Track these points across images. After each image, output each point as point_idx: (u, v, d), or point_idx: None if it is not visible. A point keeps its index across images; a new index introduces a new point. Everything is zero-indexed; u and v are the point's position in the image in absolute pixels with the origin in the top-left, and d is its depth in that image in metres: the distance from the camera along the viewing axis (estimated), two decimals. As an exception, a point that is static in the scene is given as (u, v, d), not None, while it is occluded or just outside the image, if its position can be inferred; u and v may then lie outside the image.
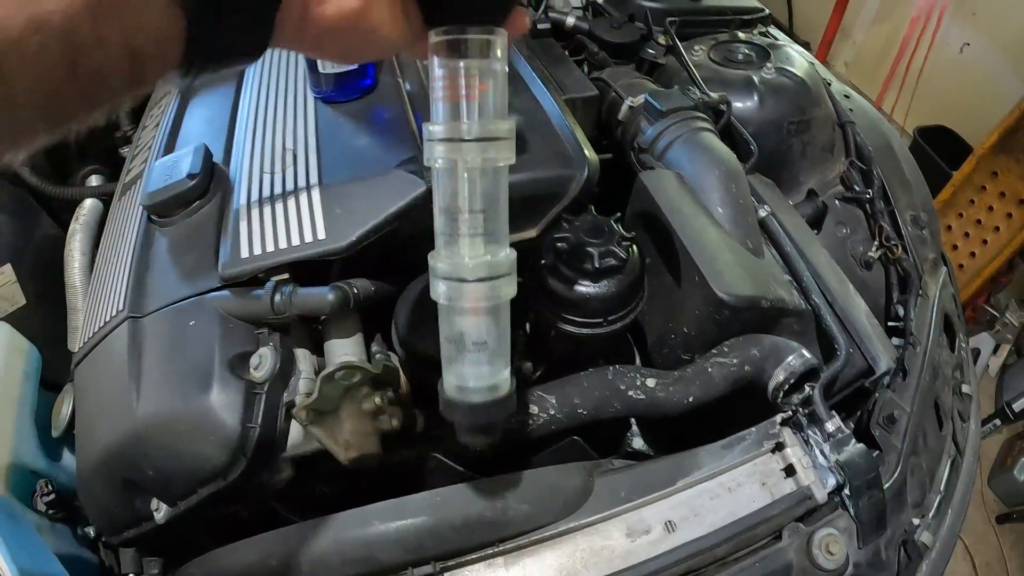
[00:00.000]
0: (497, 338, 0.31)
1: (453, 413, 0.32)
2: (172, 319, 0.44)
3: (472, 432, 0.33)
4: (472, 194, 0.29)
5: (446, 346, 0.31)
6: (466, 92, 0.28)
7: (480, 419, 0.32)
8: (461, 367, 0.31)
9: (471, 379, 0.32)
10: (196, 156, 0.50)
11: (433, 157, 0.29)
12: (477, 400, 0.31)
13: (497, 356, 0.32)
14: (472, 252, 0.29)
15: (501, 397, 0.32)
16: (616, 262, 0.42)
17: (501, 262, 0.30)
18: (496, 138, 0.29)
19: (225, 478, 0.39)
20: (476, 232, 0.29)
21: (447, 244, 0.30)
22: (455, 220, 0.29)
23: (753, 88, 0.62)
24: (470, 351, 0.31)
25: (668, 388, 0.46)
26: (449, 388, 0.32)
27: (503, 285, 0.30)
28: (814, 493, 0.44)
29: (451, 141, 0.28)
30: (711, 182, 0.50)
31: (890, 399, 0.54)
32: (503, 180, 0.30)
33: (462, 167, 0.28)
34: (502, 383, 0.32)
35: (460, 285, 0.29)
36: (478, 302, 0.30)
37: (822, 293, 0.53)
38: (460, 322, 0.30)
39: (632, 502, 0.39)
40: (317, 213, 0.44)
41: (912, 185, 0.72)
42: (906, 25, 1.45)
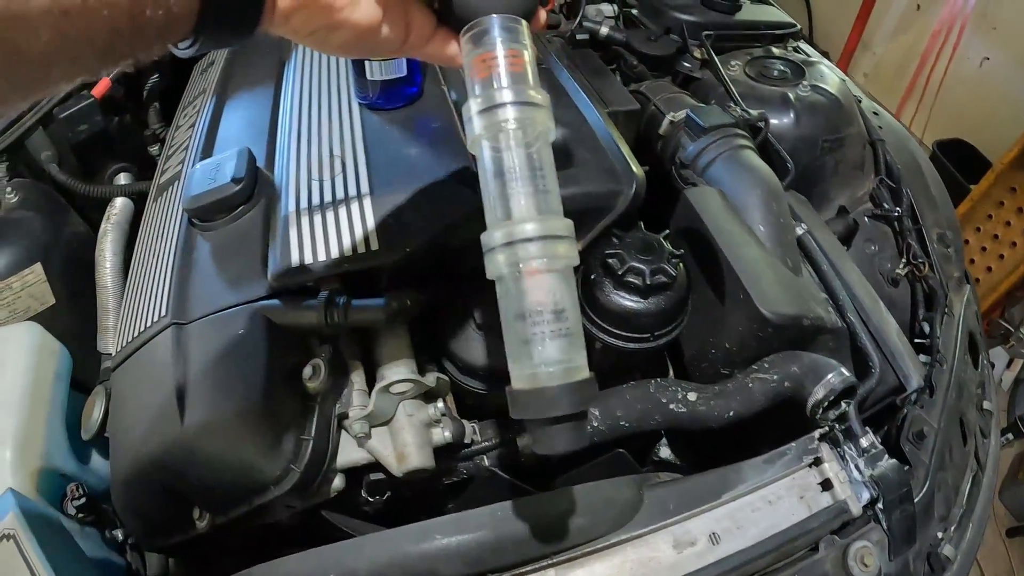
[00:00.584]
0: (573, 309, 0.27)
1: (528, 407, 0.27)
2: (219, 327, 0.44)
3: (555, 433, 0.27)
4: (518, 156, 0.27)
5: (514, 326, 0.27)
6: (501, 65, 0.28)
7: (566, 406, 0.27)
8: (535, 347, 0.27)
9: (550, 360, 0.27)
10: (240, 160, 0.51)
11: (475, 129, 0.28)
12: (558, 384, 0.26)
13: (575, 333, 0.27)
14: (529, 212, 0.27)
15: (584, 379, 0.27)
16: (666, 279, 0.44)
17: (561, 225, 0.28)
18: (534, 104, 0.28)
19: (276, 490, 0.40)
20: (530, 192, 0.27)
21: (501, 212, 0.28)
22: (505, 184, 0.27)
23: (789, 105, 0.63)
24: (547, 322, 0.27)
25: (709, 402, 0.48)
26: (521, 378, 0.27)
27: (567, 247, 0.28)
28: (850, 507, 0.46)
29: (491, 109, 0.27)
30: (753, 200, 0.52)
31: (919, 415, 0.56)
32: (547, 147, 0.29)
33: (507, 131, 0.27)
34: (582, 367, 0.28)
35: (524, 246, 0.27)
36: (548, 263, 0.27)
37: (856, 311, 0.55)
38: (529, 292, 0.27)
39: (680, 515, 0.41)
40: (369, 223, 0.45)
41: (938, 203, 0.74)
42: (927, 38, 1.48)
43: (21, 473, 0.49)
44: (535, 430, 0.28)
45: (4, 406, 0.50)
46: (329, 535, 0.49)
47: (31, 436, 0.50)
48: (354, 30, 0.27)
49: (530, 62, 0.29)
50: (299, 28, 0.27)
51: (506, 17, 0.28)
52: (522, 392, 0.27)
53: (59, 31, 0.19)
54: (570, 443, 0.28)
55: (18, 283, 0.56)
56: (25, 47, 0.19)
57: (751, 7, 0.77)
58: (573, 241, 0.28)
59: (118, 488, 0.47)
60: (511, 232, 0.27)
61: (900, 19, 1.59)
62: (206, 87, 0.64)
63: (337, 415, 0.42)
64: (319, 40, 0.28)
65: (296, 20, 0.26)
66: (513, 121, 0.27)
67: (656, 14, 0.72)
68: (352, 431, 0.41)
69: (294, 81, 0.60)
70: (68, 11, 0.19)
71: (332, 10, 0.26)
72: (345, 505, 0.46)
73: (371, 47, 0.29)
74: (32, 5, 0.18)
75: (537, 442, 0.28)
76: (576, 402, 0.27)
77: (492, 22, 0.28)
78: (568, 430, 0.27)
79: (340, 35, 0.28)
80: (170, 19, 0.22)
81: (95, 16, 0.19)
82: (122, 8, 0.20)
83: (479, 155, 0.29)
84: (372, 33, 0.28)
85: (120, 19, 0.20)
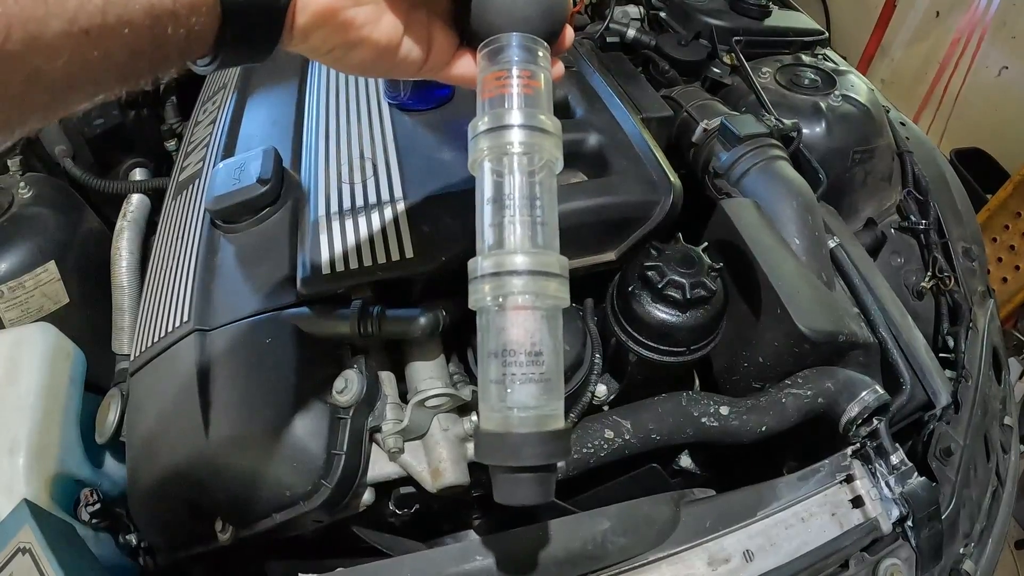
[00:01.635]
0: (553, 353, 0.26)
1: (492, 451, 0.26)
2: (245, 335, 0.43)
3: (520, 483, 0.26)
4: (520, 183, 0.26)
5: (488, 365, 0.26)
6: (514, 86, 0.27)
7: (533, 456, 0.25)
8: (507, 389, 0.25)
9: (522, 404, 0.25)
10: (266, 160, 0.50)
11: (478, 149, 0.27)
12: (527, 431, 0.25)
13: (553, 379, 0.26)
14: (522, 244, 0.26)
15: (557, 430, 0.26)
16: (706, 293, 0.44)
17: (554, 261, 0.26)
18: (543, 130, 0.27)
19: (306, 505, 0.40)
20: (526, 222, 0.26)
21: (493, 240, 0.26)
22: (501, 211, 0.26)
23: (821, 115, 0.64)
24: (521, 365, 0.25)
25: (742, 416, 0.48)
26: (489, 419, 0.26)
27: (557, 286, 0.26)
28: (880, 524, 0.46)
29: (497, 130, 0.27)
30: (788, 213, 0.52)
31: (946, 432, 0.57)
32: (552, 178, 0.28)
33: (511, 154, 0.26)
34: (557, 416, 0.26)
35: (508, 279, 0.25)
36: (531, 301, 0.26)
37: (888, 327, 0.55)
38: (509, 328, 0.25)
39: (716, 532, 0.41)
40: (403, 229, 0.45)
41: (963, 216, 0.75)
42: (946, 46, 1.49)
43: (35, 481, 0.48)
44: (497, 475, 0.26)
45: (18, 411, 0.49)
46: (351, 545, 0.49)
47: (45, 443, 0.50)
48: (374, 48, 0.27)
49: (545, 86, 0.28)
50: (318, 46, 0.27)
51: (525, 36, 0.28)
52: (488, 435, 0.26)
53: (79, 52, 0.19)
54: (533, 496, 0.26)
55: (31, 281, 0.55)
56: (45, 69, 0.18)
57: (780, 13, 0.77)
58: (565, 281, 0.27)
59: (137, 498, 0.47)
60: (500, 262, 0.26)
61: (919, 26, 1.61)
62: (227, 82, 0.64)
63: (369, 429, 0.41)
64: (338, 58, 0.28)
65: (315, 38, 0.26)
66: (519, 145, 0.26)
67: (685, 18, 0.72)
68: (386, 446, 0.41)
69: (319, 78, 0.59)
70: (88, 31, 0.19)
71: (352, 27, 0.26)
72: (371, 517, 0.46)
73: (391, 67, 0.29)
74: (51, 27, 0.18)
75: (497, 489, 0.26)
76: (545, 453, 0.25)
77: (510, 40, 0.28)
78: (533, 482, 0.25)
79: (359, 53, 0.27)
80: (191, 37, 0.22)
81: (115, 36, 0.19)
82: (143, 27, 0.20)
83: (478, 176, 0.28)
84: (392, 52, 0.28)
85: (141, 38, 0.20)
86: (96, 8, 0.19)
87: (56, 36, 0.18)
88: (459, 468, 0.41)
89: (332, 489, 0.39)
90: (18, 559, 0.40)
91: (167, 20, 0.21)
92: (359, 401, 0.40)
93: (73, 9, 0.18)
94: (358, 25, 0.26)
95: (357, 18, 0.26)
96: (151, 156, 0.69)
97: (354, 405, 0.40)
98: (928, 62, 1.59)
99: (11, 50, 0.17)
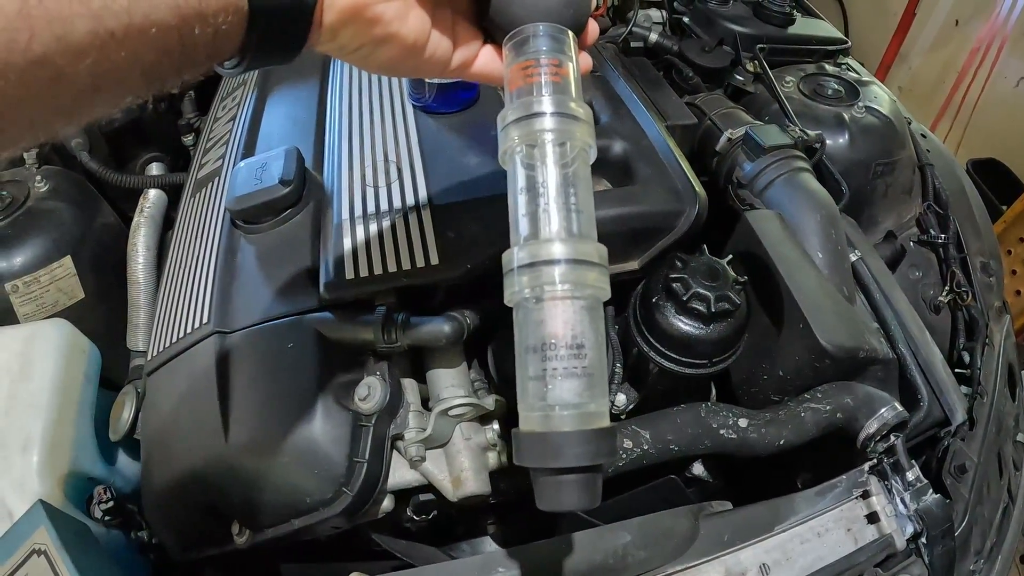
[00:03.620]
0: (596, 347, 0.25)
1: (533, 453, 0.24)
2: (267, 339, 0.44)
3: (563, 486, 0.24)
4: (553, 171, 0.26)
5: (526, 362, 0.25)
6: (543, 75, 0.27)
7: (577, 456, 0.24)
8: (547, 386, 0.24)
9: (563, 401, 0.24)
10: (288, 160, 0.51)
11: (509, 139, 0.27)
12: (570, 430, 0.24)
13: (596, 374, 0.25)
14: (559, 233, 0.25)
15: (604, 428, 0.24)
16: (730, 307, 0.45)
17: (592, 250, 0.26)
18: (575, 117, 0.27)
19: (326, 512, 0.40)
20: (562, 210, 0.25)
21: (528, 230, 0.26)
22: (535, 200, 0.26)
23: (844, 126, 0.65)
24: (562, 359, 0.24)
25: (760, 429, 0.49)
26: (529, 419, 0.25)
27: (597, 276, 0.25)
28: (895, 541, 0.47)
29: (527, 118, 0.26)
30: (812, 226, 0.53)
31: (960, 449, 0.58)
32: (586, 166, 0.27)
33: (543, 142, 0.26)
34: (603, 414, 0.25)
35: (546, 269, 0.24)
36: (572, 290, 0.24)
37: (907, 343, 0.56)
38: (547, 321, 0.24)
39: (734, 546, 0.42)
40: (429, 235, 0.45)
41: (982, 230, 0.76)
42: (965, 55, 1.50)
43: (49, 478, 0.49)
44: (539, 480, 0.25)
45: (32, 408, 0.50)
46: (365, 549, 0.49)
47: (59, 440, 0.50)
48: (402, 45, 0.27)
49: (574, 74, 0.28)
50: (346, 44, 0.27)
51: (550, 26, 0.28)
52: (529, 435, 0.25)
53: (105, 53, 0.19)
54: (579, 501, 0.24)
55: (46, 276, 0.55)
56: (70, 71, 0.18)
57: (803, 21, 0.78)
58: (605, 271, 0.26)
59: (152, 498, 0.48)
60: (535, 252, 0.25)
61: (938, 34, 1.62)
62: (246, 79, 0.64)
63: (391, 436, 0.42)
64: (365, 56, 0.28)
65: (344, 35, 0.26)
66: (551, 133, 0.26)
67: (708, 24, 0.73)
68: (407, 454, 0.41)
69: (340, 76, 0.59)
70: (114, 32, 0.19)
71: (380, 23, 0.26)
72: (387, 522, 0.47)
73: (418, 65, 0.29)
74: (76, 27, 0.18)
75: (539, 494, 0.25)
76: (591, 453, 0.24)
77: (536, 30, 0.28)
78: (578, 485, 0.24)
79: (387, 51, 0.28)
80: (218, 38, 0.22)
81: (142, 37, 0.19)
82: (170, 27, 0.20)
83: (509, 167, 0.27)
84: (419, 50, 0.28)
85: (168, 39, 0.20)
86: (121, 8, 0.19)
87: (82, 37, 0.18)
88: (481, 478, 0.41)
89: (353, 496, 0.40)
90: (33, 560, 0.41)
91: (194, 20, 0.21)
92: (382, 409, 0.41)
93: (98, 9, 0.18)
94: (386, 21, 0.26)
95: (385, 14, 0.26)
96: (168, 151, 0.69)
97: (377, 413, 0.40)
98: (946, 71, 1.60)
99: (36, 51, 0.17)
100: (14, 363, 0.51)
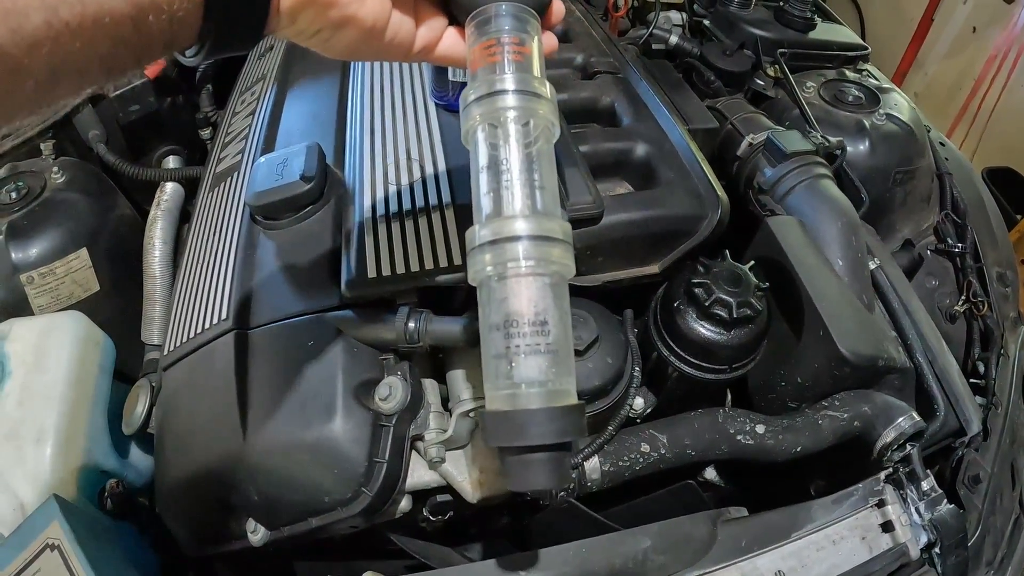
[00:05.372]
0: (560, 324, 0.24)
1: (500, 433, 0.24)
2: (287, 336, 0.44)
3: (531, 465, 0.24)
4: (516, 148, 0.25)
5: (490, 340, 0.25)
6: (505, 53, 0.27)
7: (544, 434, 0.23)
8: (511, 364, 0.24)
9: (529, 379, 0.24)
10: (309, 157, 0.51)
11: (471, 118, 0.27)
12: (537, 407, 0.24)
13: (561, 351, 0.24)
14: (522, 209, 0.25)
15: (569, 405, 0.24)
16: (751, 313, 0.46)
17: (556, 226, 0.25)
18: (537, 95, 0.26)
19: (344, 511, 0.40)
20: (525, 186, 0.25)
21: (491, 208, 0.25)
22: (498, 177, 0.25)
23: (865, 133, 0.65)
24: (525, 336, 0.24)
25: (777, 436, 0.50)
26: (496, 398, 0.25)
27: (561, 252, 0.25)
28: (909, 550, 0.48)
29: (489, 96, 0.26)
30: (832, 233, 0.54)
31: (974, 459, 0.59)
32: (549, 143, 0.27)
33: (505, 120, 0.26)
34: (568, 391, 0.25)
35: (508, 246, 0.24)
36: (534, 268, 0.24)
37: (923, 352, 0.57)
38: (510, 298, 0.24)
39: (751, 552, 0.43)
40: (452, 235, 0.45)
41: (999, 240, 0.77)
42: (982, 62, 1.51)
43: (62, 470, 0.50)
44: (507, 460, 0.25)
45: (46, 399, 0.51)
46: (378, 547, 0.50)
47: (73, 432, 0.51)
48: (361, 28, 0.28)
49: (537, 52, 0.28)
50: (305, 28, 0.27)
51: (513, 5, 0.28)
52: (495, 414, 0.24)
53: (61, 44, 0.19)
54: (546, 480, 0.24)
55: (62, 268, 0.56)
56: (27, 62, 0.19)
57: (824, 26, 0.78)
58: (569, 247, 0.26)
59: (166, 493, 0.48)
60: (498, 229, 0.25)
61: (955, 40, 1.63)
62: (266, 73, 0.65)
63: (411, 437, 0.42)
64: (325, 40, 0.28)
65: (303, 19, 0.26)
66: (513, 111, 0.26)
67: (729, 27, 0.74)
68: (427, 455, 0.42)
69: (362, 72, 0.60)
70: (68, 22, 0.19)
71: (337, 6, 0.26)
72: (403, 522, 0.47)
73: (379, 49, 0.29)
74: (31, 19, 0.18)
75: (509, 474, 0.25)
76: (557, 430, 0.23)
77: (498, 9, 0.28)
78: (545, 464, 0.24)
79: (347, 34, 0.28)
80: (174, 25, 0.22)
81: (97, 26, 0.20)
82: (124, 16, 0.20)
83: (472, 146, 0.27)
84: (379, 33, 0.28)
85: (123, 28, 0.21)
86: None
87: (37, 28, 0.18)
88: (500, 480, 0.42)
89: (372, 497, 0.40)
90: (46, 555, 0.41)
91: (148, 8, 0.21)
92: (403, 409, 0.41)
93: (53, 0, 0.18)
94: (343, 4, 0.26)
95: None
96: (184, 144, 0.70)
97: (398, 413, 0.41)
98: (963, 78, 1.61)
99: None
100: (29, 355, 0.52)
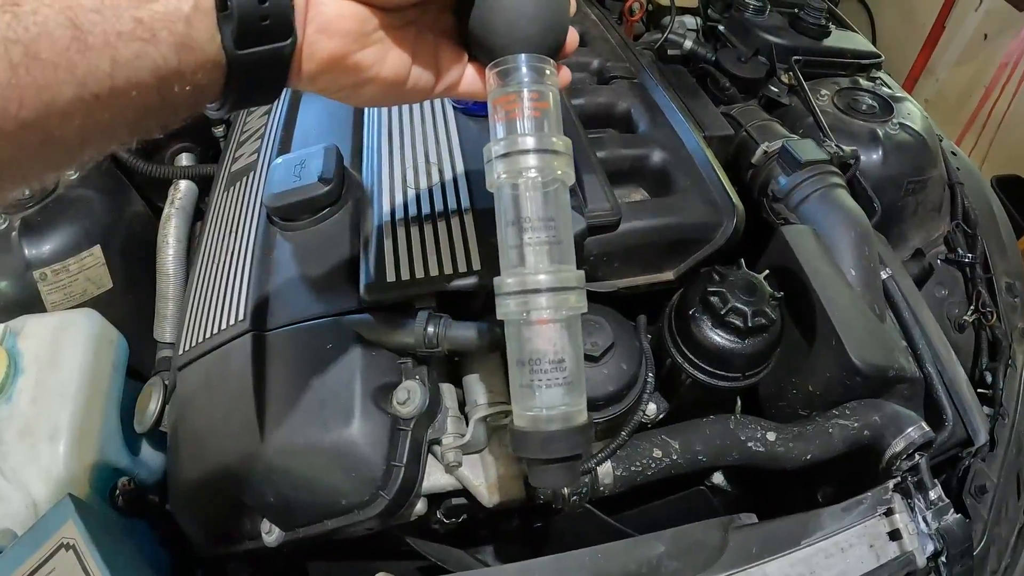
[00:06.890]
0: (574, 359, 0.31)
1: (526, 447, 0.31)
2: (305, 339, 0.45)
3: (549, 471, 0.32)
4: (535, 204, 0.31)
5: (517, 371, 0.31)
6: (525, 109, 0.30)
7: (563, 449, 0.31)
8: (535, 393, 0.31)
9: (550, 404, 0.31)
10: (328, 158, 0.52)
11: (496, 173, 0.31)
12: (554, 428, 0.31)
13: (575, 381, 0.31)
14: (543, 263, 0.31)
15: (581, 424, 0.31)
16: (766, 322, 0.47)
17: (571, 276, 0.31)
18: (555, 151, 0.31)
19: (360, 514, 0.41)
20: (544, 243, 0.30)
21: (515, 259, 0.31)
22: (521, 233, 0.31)
23: (878, 142, 0.66)
24: (546, 372, 0.30)
25: (788, 443, 0.51)
26: (522, 417, 0.31)
27: (576, 298, 0.31)
28: (916, 559, 0.50)
29: (513, 155, 0.30)
30: (846, 243, 0.55)
31: (981, 469, 0.60)
32: (564, 192, 0.32)
33: (525, 178, 0.30)
34: (580, 412, 0.31)
35: (532, 297, 0.30)
36: (554, 314, 0.30)
37: (933, 362, 0.59)
38: (534, 339, 0.31)
39: (761, 559, 0.44)
40: (471, 241, 0.46)
41: (1008, 251, 0.78)
42: (992, 69, 1.52)
43: (75, 467, 0.50)
44: (532, 466, 0.32)
45: (59, 397, 0.51)
46: (391, 548, 0.51)
47: (86, 429, 0.52)
48: (383, 84, 0.29)
49: (554, 104, 0.31)
50: (326, 87, 0.28)
51: (531, 56, 0.30)
52: (521, 432, 0.31)
53: (90, 115, 0.20)
54: (564, 481, 0.33)
55: (75, 265, 0.57)
56: (58, 133, 0.20)
57: (838, 34, 0.79)
58: (583, 292, 0.32)
59: (179, 492, 0.49)
60: (524, 281, 0.30)
61: (965, 47, 1.64)
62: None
63: (428, 441, 0.43)
64: (347, 96, 0.29)
65: (323, 80, 0.27)
66: (533, 170, 0.30)
67: (744, 33, 0.75)
68: (445, 459, 0.42)
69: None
70: (98, 95, 0.20)
71: (360, 69, 0.28)
72: (416, 524, 0.48)
73: (401, 96, 0.31)
74: (63, 94, 0.19)
75: (533, 477, 0.33)
76: (573, 445, 0.31)
77: (518, 63, 0.30)
78: (561, 470, 0.32)
79: (369, 90, 0.29)
80: (196, 92, 0.23)
81: (124, 97, 0.21)
82: (150, 87, 0.21)
83: (498, 197, 0.32)
84: (401, 84, 0.30)
85: (149, 97, 0.22)
86: (104, 73, 0.20)
87: (68, 102, 0.20)
88: (517, 485, 0.43)
89: (389, 500, 0.41)
90: (61, 554, 0.42)
91: (173, 79, 0.22)
92: (421, 413, 0.42)
93: (83, 75, 0.20)
94: (365, 67, 0.28)
95: (364, 61, 0.27)
96: (198, 141, 0.70)
97: (416, 417, 0.41)
98: (974, 85, 1.62)
99: (25, 117, 0.19)
100: (43, 352, 0.52)
